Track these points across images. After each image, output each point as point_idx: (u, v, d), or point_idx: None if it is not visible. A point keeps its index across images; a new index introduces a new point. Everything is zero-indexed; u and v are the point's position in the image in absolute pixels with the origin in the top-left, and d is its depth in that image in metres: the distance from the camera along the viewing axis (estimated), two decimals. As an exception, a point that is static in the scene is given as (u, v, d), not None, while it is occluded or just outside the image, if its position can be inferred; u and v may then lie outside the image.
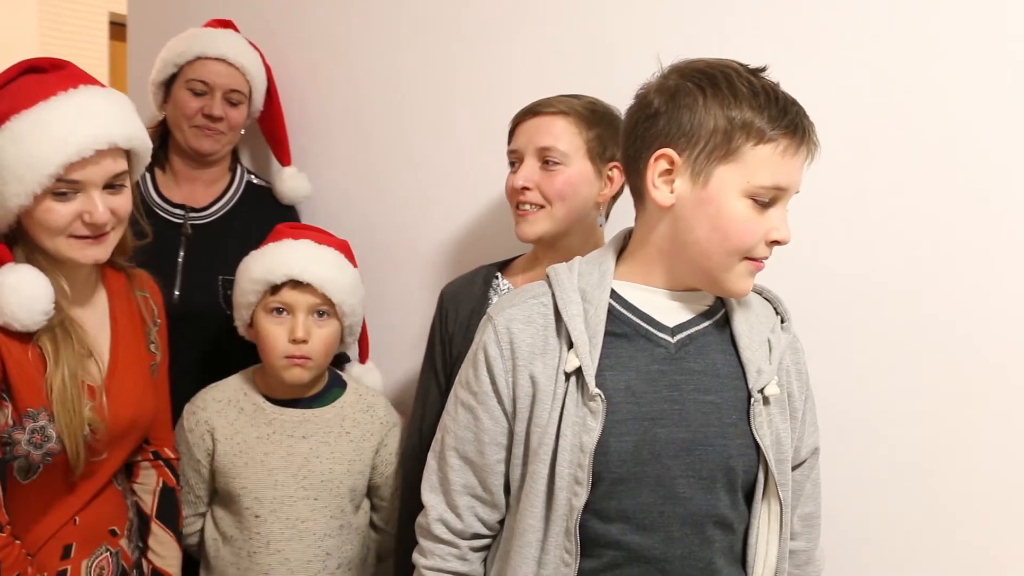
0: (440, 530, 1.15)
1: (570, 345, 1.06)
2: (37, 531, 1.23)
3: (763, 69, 1.06)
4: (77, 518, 1.27)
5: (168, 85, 1.80)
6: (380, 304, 1.75)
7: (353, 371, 1.66)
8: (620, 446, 1.04)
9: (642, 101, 1.08)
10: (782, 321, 1.16)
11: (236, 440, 1.47)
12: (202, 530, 1.52)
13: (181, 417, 1.51)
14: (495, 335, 1.11)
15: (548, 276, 1.14)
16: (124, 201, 1.23)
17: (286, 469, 1.46)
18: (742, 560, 1.12)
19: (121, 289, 1.36)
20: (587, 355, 1.05)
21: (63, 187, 1.15)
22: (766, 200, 1.03)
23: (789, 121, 1.02)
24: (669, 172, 1.04)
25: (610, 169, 1.38)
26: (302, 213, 1.92)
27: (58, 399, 1.18)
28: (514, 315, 1.11)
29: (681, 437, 1.06)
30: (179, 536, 1.44)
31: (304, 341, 1.45)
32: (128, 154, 1.24)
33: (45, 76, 1.19)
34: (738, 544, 1.11)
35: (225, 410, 1.50)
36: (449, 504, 1.15)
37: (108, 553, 1.30)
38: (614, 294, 1.10)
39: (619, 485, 1.05)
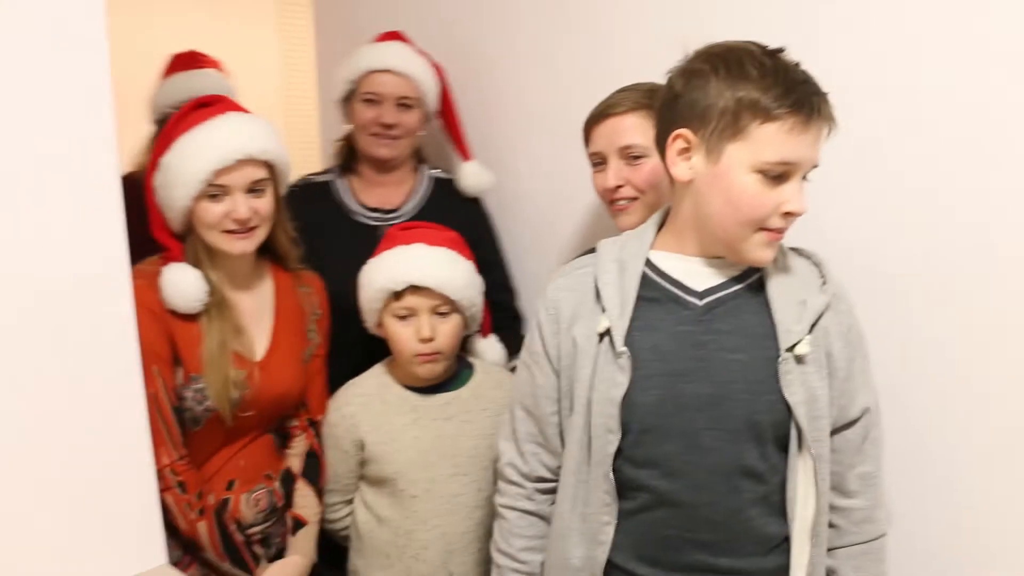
0: (511, 472, 1.33)
1: (604, 309, 1.19)
2: (208, 467, 1.55)
3: (780, 50, 1.13)
4: (241, 461, 1.58)
5: (348, 101, 1.95)
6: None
7: (477, 345, 1.78)
8: (645, 399, 1.16)
9: (667, 84, 1.18)
10: (824, 283, 1.21)
11: (384, 429, 1.61)
12: (351, 515, 1.68)
13: (327, 414, 1.67)
14: (545, 303, 1.28)
15: (596, 248, 1.28)
16: (265, 203, 1.52)
17: (436, 450, 1.60)
18: (782, 510, 1.18)
19: (287, 285, 1.66)
20: (617, 318, 1.18)
21: (213, 190, 1.46)
22: (776, 174, 1.10)
23: (795, 100, 1.08)
24: (687, 150, 1.14)
25: None
26: (487, 204, 2.06)
27: (207, 363, 1.49)
28: (561, 284, 1.28)
29: (706, 392, 1.15)
30: (318, 490, 1.67)
31: (431, 339, 1.56)
32: (270, 168, 1.53)
33: (207, 109, 1.52)
34: (775, 495, 1.18)
35: (369, 403, 1.63)
36: (518, 450, 1.32)
37: (264, 490, 1.61)
38: (649, 263, 1.22)
39: (646, 435, 1.17)
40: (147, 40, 3.04)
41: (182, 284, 1.47)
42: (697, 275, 1.20)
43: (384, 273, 1.58)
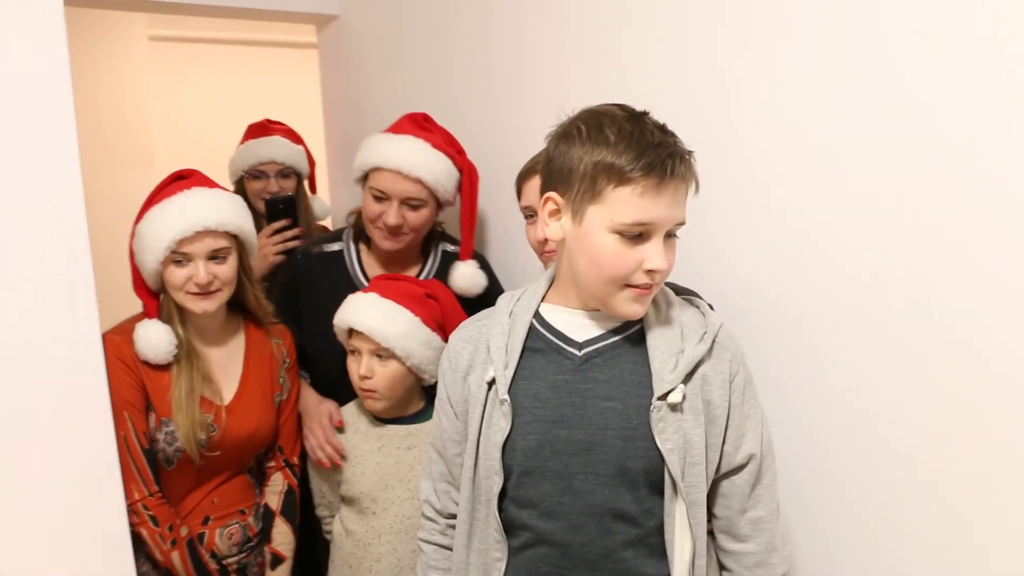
0: (427, 509, 1.42)
1: (492, 360, 1.27)
2: (184, 504, 1.71)
3: (644, 113, 1.17)
4: (215, 498, 1.74)
5: (363, 182, 1.91)
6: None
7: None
8: (525, 443, 1.22)
9: (545, 147, 1.24)
10: (705, 334, 1.24)
11: (355, 454, 1.77)
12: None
13: None
14: (447, 353, 1.36)
15: (496, 301, 1.37)
16: (225, 269, 1.66)
17: (394, 475, 1.75)
18: (663, 552, 1.22)
19: (259, 337, 1.81)
20: (501, 368, 1.24)
21: (177, 256, 1.62)
22: (634, 235, 1.13)
23: (646, 163, 1.10)
24: (557, 211, 1.19)
25: None
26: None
27: (176, 407, 1.65)
28: (460, 336, 1.35)
29: (579, 438, 1.20)
30: (294, 526, 1.82)
31: (367, 377, 1.72)
32: (235, 237, 1.67)
33: (182, 182, 1.68)
34: (652, 537, 1.22)
35: (345, 431, 1.81)
36: (433, 488, 1.41)
37: (237, 524, 1.76)
38: (538, 315, 1.28)
39: (526, 476, 1.23)
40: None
41: (153, 338, 1.63)
42: (579, 327, 1.25)
43: (340, 314, 1.75)
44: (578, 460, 1.20)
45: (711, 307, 1.35)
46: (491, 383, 1.26)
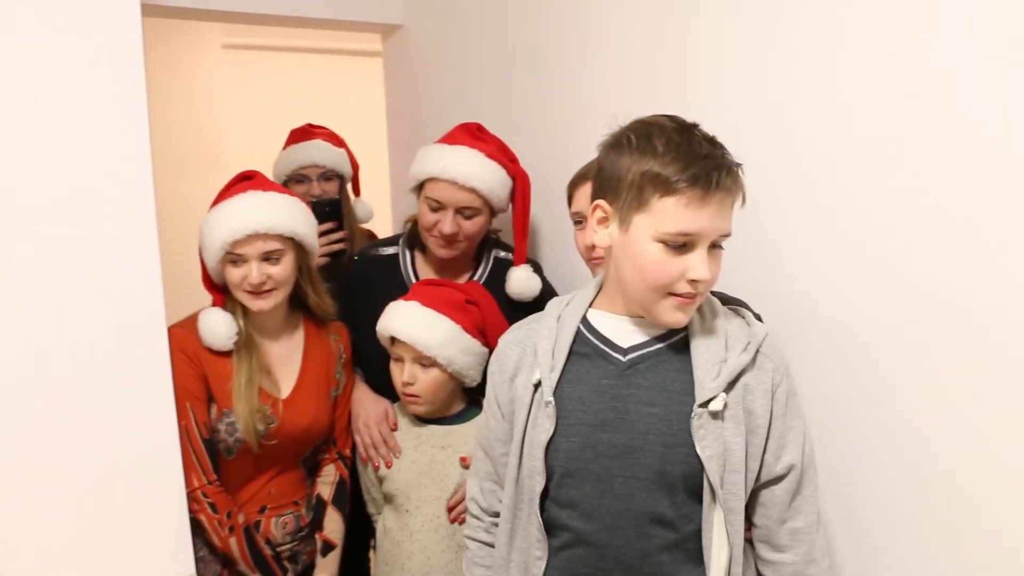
0: (473, 506, 1.47)
1: (538, 363, 1.31)
2: (242, 494, 1.78)
3: (693, 125, 1.21)
4: (271, 489, 1.81)
5: (418, 190, 1.96)
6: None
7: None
8: (568, 445, 1.25)
9: (597, 155, 1.27)
10: (748, 344, 1.25)
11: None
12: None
13: None
14: (495, 355, 1.41)
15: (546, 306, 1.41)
16: (279, 269, 1.72)
17: (428, 473, 1.79)
18: (700, 557, 1.23)
19: (318, 333, 1.89)
20: (547, 371, 1.27)
21: (232, 257, 1.70)
22: (678, 244, 1.16)
23: (692, 174, 1.13)
24: (605, 219, 1.23)
25: None
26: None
27: (236, 396, 1.72)
28: (508, 339, 1.40)
29: (621, 442, 1.23)
30: (345, 516, 1.89)
31: (410, 383, 1.77)
32: (289, 239, 1.73)
33: (245, 183, 1.75)
34: (690, 542, 1.23)
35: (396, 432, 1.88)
36: (479, 487, 1.45)
37: (291, 515, 1.83)
38: (585, 320, 1.31)
39: (567, 477, 1.26)
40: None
41: (214, 324, 1.71)
42: (624, 333, 1.28)
43: (382, 322, 1.81)
44: (619, 463, 1.23)
45: (759, 318, 1.37)
46: (537, 385, 1.29)
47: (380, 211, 2.63)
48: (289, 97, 4.12)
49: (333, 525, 1.88)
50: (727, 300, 1.38)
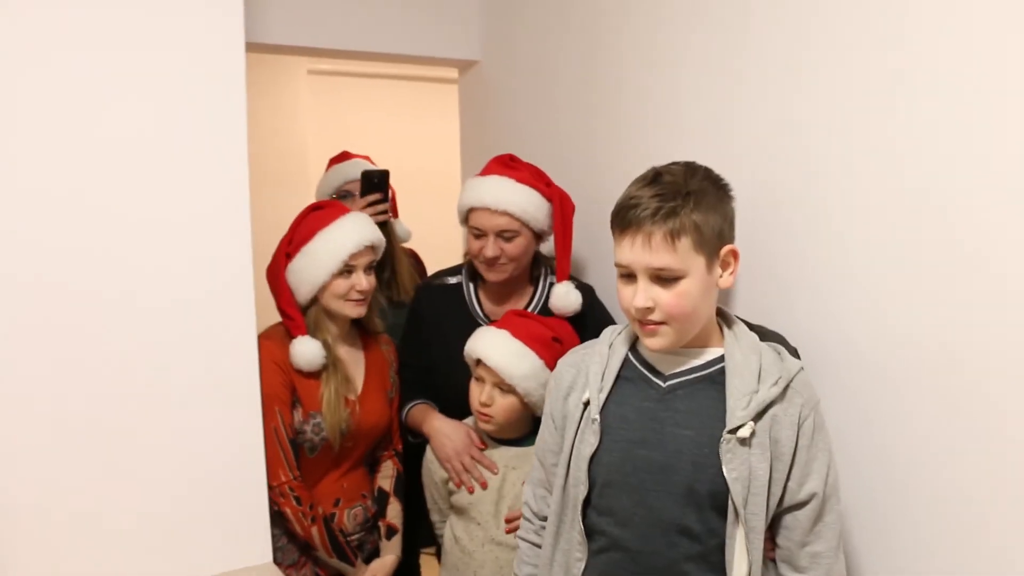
0: (526, 510, 1.64)
1: (588, 384, 1.47)
2: (320, 488, 1.99)
3: (664, 170, 1.39)
4: (344, 484, 2.02)
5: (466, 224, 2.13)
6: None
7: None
8: (610, 458, 1.40)
9: None
10: (778, 379, 1.37)
11: None
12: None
13: (426, 452, 2.06)
14: (554, 374, 1.58)
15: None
16: (373, 279, 2.00)
17: (500, 490, 1.93)
18: (722, 569, 1.35)
19: (373, 345, 2.13)
20: (596, 392, 1.43)
21: (346, 268, 1.94)
22: (625, 274, 1.37)
23: (616, 214, 1.37)
24: None
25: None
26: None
27: (326, 405, 1.94)
28: (566, 361, 1.57)
29: (656, 459, 1.37)
30: (403, 504, 2.11)
31: (487, 405, 1.91)
32: (375, 252, 1.99)
33: (324, 212, 2.00)
34: (714, 555, 1.35)
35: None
36: (532, 492, 1.62)
37: (361, 507, 2.05)
38: (633, 348, 1.47)
39: (608, 488, 1.40)
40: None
41: (308, 354, 1.93)
42: (667, 362, 1.42)
43: (472, 343, 1.95)
44: (653, 478, 1.37)
45: (796, 353, 1.51)
46: (586, 404, 1.45)
47: (454, 237, 2.80)
48: (369, 122, 4.36)
49: (395, 512, 2.11)
50: (765, 335, 1.52)
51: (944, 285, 1.34)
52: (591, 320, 2.08)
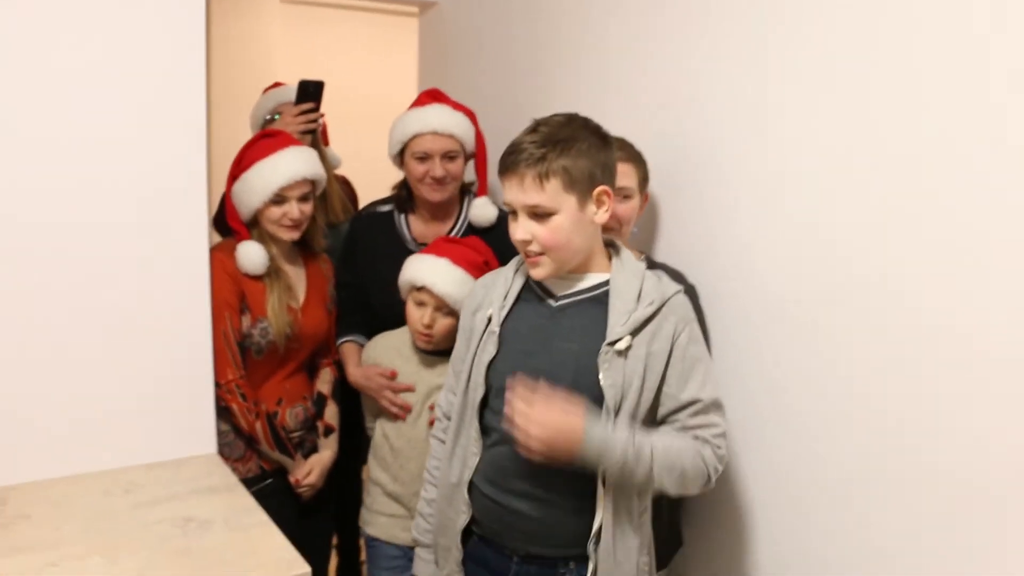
0: (438, 411, 1.84)
1: (492, 302, 1.67)
2: (264, 388, 2.19)
3: (548, 118, 1.56)
4: (286, 385, 2.23)
5: (400, 156, 2.35)
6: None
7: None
8: (504, 366, 1.59)
9: None
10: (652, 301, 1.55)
11: (400, 376, 2.17)
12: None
13: (366, 345, 2.30)
14: (469, 292, 1.78)
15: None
16: (309, 207, 2.16)
17: (430, 396, 2.13)
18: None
19: (314, 262, 2.33)
20: (497, 309, 1.63)
21: (277, 198, 2.10)
22: (511, 211, 1.55)
23: (502, 163, 1.53)
24: None
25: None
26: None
27: (271, 310, 2.14)
28: (480, 282, 1.77)
29: (543, 367, 1.55)
30: (339, 406, 2.35)
31: (430, 326, 2.10)
32: (312, 183, 2.16)
33: (267, 141, 2.16)
34: None
35: (388, 352, 2.22)
36: (445, 396, 1.81)
37: (301, 408, 2.26)
38: None
39: (501, 391, 1.57)
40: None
41: (252, 255, 2.12)
42: (559, 285, 1.61)
43: (412, 272, 2.13)
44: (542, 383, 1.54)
45: (693, 290, 1.77)
46: (489, 319, 1.65)
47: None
48: (338, 52, 4.48)
49: (332, 413, 2.33)
50: (655, 266, 1.75)
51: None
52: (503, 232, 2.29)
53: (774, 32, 1.68)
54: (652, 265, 1.88)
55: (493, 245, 2.24)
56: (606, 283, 1.60)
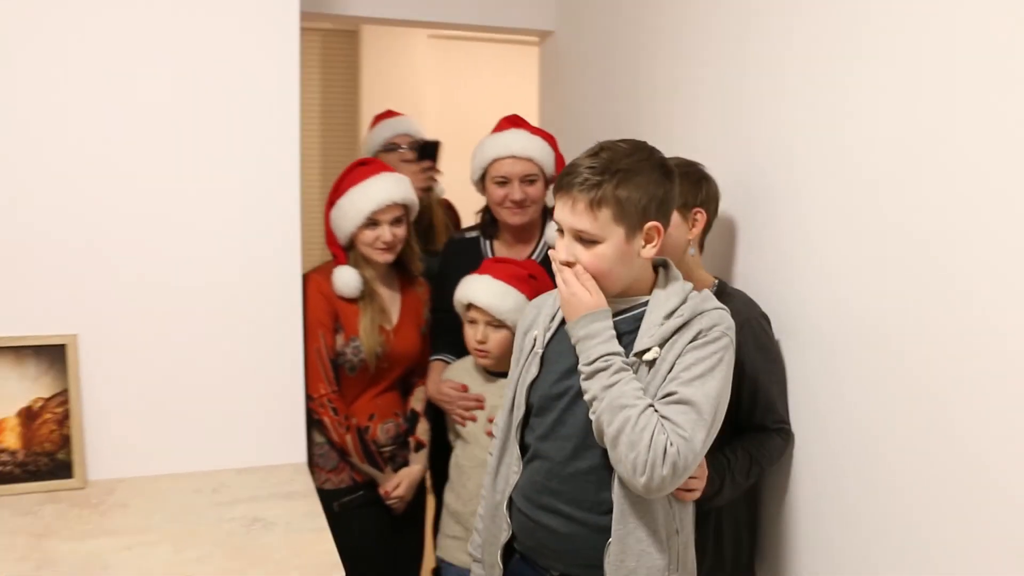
0: (494, 429, 1.86)
1: (539, 324, 1.71)
2: (357, 404, 2.32)
3: (607, 145, 1.54)
4: (378, 401, 2.35)
5: (482, 181, 2.45)
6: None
7: None
8: (543, 386, 1.62)
9: None
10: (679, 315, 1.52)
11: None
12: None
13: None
14: (522, 313, 1.81)
15: None
16: (402, 231, 2.28)
17: (491, 415, 2.20)
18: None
19: (410, 285, 2.44)
20: (542, 331, 1.66)
21: (370, 222, 2.24)
22: (559, 230, 1.54)
23: (558, 182, 1.53)
24: None
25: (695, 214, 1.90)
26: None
27: (363, 330, 2.27)
28: (532, 302, 1.80)
29: (575, 386, 1.54)
30: (430, 424, 2.43)
31: (483, 342, 2.20)
32: (405, 207, 2.27)
33: (362, 169, 2.30)
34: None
35: (460, 374, 2.32)
36: (499, 415, 1.82)
37: (393, 423, 2.37)
38: None
39: (542, 412, 1.61)
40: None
41: (346, 279, 2.26)
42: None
43: (460, 291, 2.25)
44: (571, 401, 1.58)
45: (766, 319, 1.78)
46: (535, 340, 1.69)
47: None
48: (481, 83, 4.66)
49: (423, 430, 2.43)
50: (740, 296, 1.81)
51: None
52: None
53: (856, 65, 1.61)
54: (725, 290, 1.85)
55: None
56: (646, 303, 1.58)
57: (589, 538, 1.56)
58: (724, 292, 1.83)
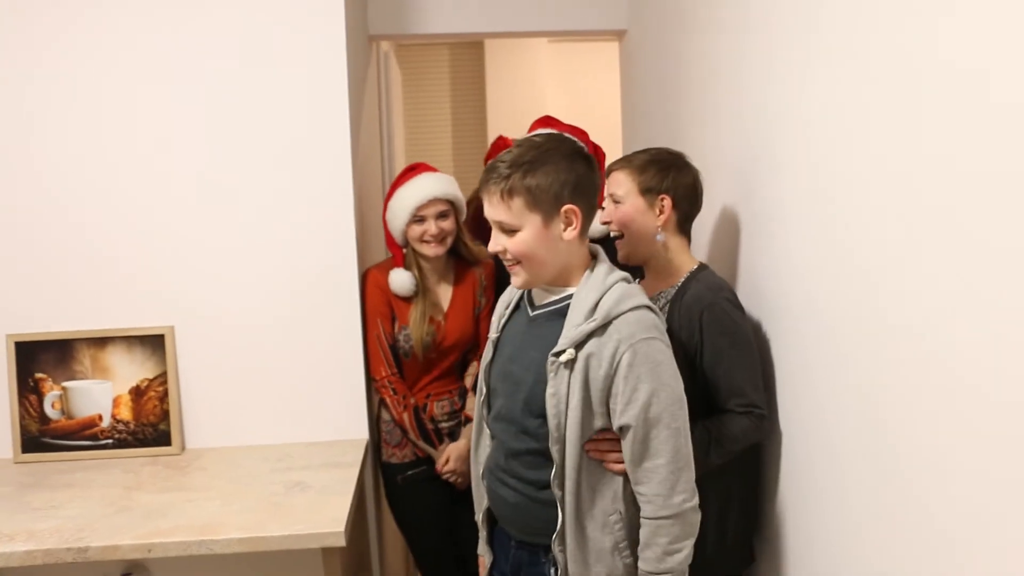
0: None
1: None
2: (416, 386, 2.59)
3: (517, 144, 1.64)
4: (435, 383, 2.60)
5: None
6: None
7: None
8: (496, 370, 1.75)
9: None
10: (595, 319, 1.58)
11: None
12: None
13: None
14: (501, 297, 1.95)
15: None
16: (448, 224, 2.51)
17: None
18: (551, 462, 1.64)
19: (465, 271, 2.65)
20: (498, 318, 1.80)
21: (417, 218, 2.49)
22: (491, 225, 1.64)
23: (481, 180, 1.63)
24: None
25: (660, 200, 1.90)
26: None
27: (412, 322, 2.53)
28: (508, 288, 1.90)
29: (516, 372, 1.68)
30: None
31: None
32: (452, 203, 2.51)
33: (407, 172, 2.57)
34: (547, 453, 1.63)
35: None
36: None
37: (448, 400, 2.62)
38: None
39: (494, 393, 1.76)
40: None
41: (401, 281, 2.52)
42: (539, 296, 1.71)
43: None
44: (512, 387, 1.70)
45: (737, 301, 1.85)
46: (494, 324, 1.82)
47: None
48: (599, 82, 4.81)
49: (471, 405, 2.63)
50: (711, 276, 1.88)
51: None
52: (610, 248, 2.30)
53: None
54: (696, 275, 1.90)
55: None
56: (565, 296, 1.67)
57: (533, 509, 1.70)
58: (695, 277, 1.90)
